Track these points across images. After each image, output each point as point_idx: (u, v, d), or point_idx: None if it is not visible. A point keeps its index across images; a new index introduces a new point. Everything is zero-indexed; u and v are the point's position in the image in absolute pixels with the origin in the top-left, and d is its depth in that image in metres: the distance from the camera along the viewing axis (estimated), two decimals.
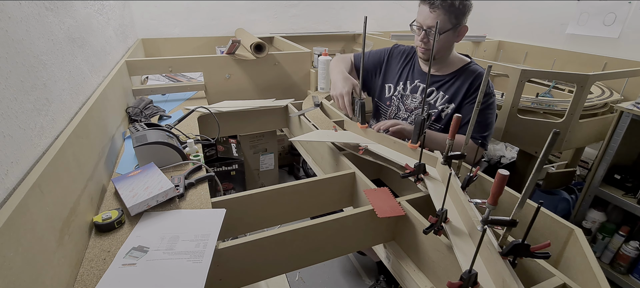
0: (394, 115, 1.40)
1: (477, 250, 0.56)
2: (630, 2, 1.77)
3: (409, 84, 1.37)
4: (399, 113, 1.38)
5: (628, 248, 1.57)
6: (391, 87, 1.42)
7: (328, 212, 0.99)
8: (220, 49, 2.25)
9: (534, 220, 0.58)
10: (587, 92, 1.45)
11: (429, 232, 0.73)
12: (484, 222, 0.66)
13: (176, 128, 1.24)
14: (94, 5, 1.26)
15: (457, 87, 1.26)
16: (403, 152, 1.06)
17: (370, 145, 1.10)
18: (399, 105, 1.38)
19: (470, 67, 1.27)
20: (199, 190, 0.92)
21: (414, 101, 1.34)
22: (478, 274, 0.61)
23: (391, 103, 1.41)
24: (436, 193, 0.86)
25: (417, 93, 1.34)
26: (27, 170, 0.62)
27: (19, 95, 0.64)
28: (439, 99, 1.29)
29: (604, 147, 1.52)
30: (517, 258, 0.64)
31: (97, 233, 0.76)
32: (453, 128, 0.86)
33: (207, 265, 0.67)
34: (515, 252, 0.63)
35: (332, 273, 1.71)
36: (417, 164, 0.91)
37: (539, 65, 2.22)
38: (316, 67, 1.87)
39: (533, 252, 0.63)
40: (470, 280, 0.59)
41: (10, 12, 0.66)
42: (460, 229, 0.75)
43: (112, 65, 1.40)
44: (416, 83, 1.35)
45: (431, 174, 0.94)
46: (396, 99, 1.39)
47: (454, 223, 0.76)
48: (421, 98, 1.32)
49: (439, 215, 0.73)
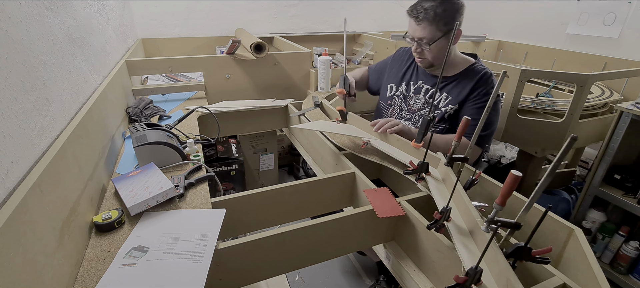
0: (396, 115, 1.39)
1: (487, 248, 0.56)
2: (630, 2, 1.77)
3: (412, 84, 1.36)
4: (401, 113, 1.38)
5: (628, 248, 1.57)
6: (392, 86, 1.41)
7: (328, 212, 0.99)
8: (220, 49, 2.25)
9: (539, 224, 0.58)
10: (587, 92, 1.45)
11: (432, 228, 0.73)
12: (489, 222, 0.65)
13: (176, 128, 1.24)
14: (94, 5, 1.26)
15: (461, 88, 1.26)
16: (405, 150, 1.06)
17: (373, 141, 1.10)
18: (402, 105, 1.37)
19: (475, 67, 1.27)
20: (199, 190, 0.92)
21: (417, 102, 1.34)
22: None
23: (392, 102, 1.40)
24: (438, 192, 0.86)
25: (420, 94, 1.34)
26: (27, 170, 0.62)
27: (19, 95, 0.64)
28: (442, 100, 1.28)
29: (604, 147, 1.52)
30: (518, 261, 0.64)
31: (97, 233, 0.76)
32: (461, 130, 0.86)
33: (207, 265, 0.67)
34: (517, 254, 0.63)
35: (332, 273, 1.71)
36: (420, 162, 0.91)
37: (539, 65, 2.22)
38: (316, 67, 1.87)
39: (534, 257, 0.63)
40: (476, 276, 0.60)
41: (10, 12, 0.66)
42: (462, 228, 0.75)
43: (112, 65, 1.40)
44: (420, 84, 1.34)
45: (433, 174, 0.94)
46: (397, 99, 1.39)
47: (457, 222, 0.76)
48: (425, 99, 1.32)
49: (443, 213, 0.73)
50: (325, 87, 1.80)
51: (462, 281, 0.59)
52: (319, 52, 1.96)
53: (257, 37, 1.91)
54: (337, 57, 2.38)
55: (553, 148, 1.57)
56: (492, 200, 0.96)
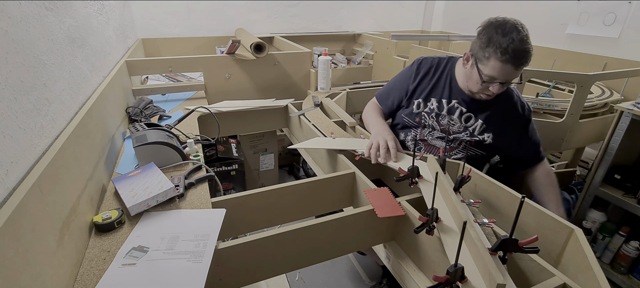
0: (427, 134, 1.26)
1: (460, 245, 0.57)
2: (630, 2, 1.77)
3: (445, 103, 1.23)
4: (433, 132, 1.25)
5: (628, 248, 1.57)
6: (420, 103, 1.27)
7: (328, 212, 0.99)
8: (220, 49, 2.25)
9: (518, 214, 0.59)
10: (587, 92, 1.45)
11: (420, 232, 0.73)
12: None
13: (176, 128, 1.24)
14: (94, 5, 1.26)
15: (496, 111, 1.19)
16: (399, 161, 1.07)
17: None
18: (433, 125, 1.25)
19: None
20: (199, 190, 0.92)
21: (451, 124, 1.23)
22: (465, 269, 0.62)
23: (421, 119, 1.26)
24: (429, 195, 0.87)
25: (455, 115, 1.22)
26: (27, 170, 0.62)
27: (19, 95, 0.64)
28: (477, 127, 1.20)
29: (604, 147, 1.52)
30: (507, 254, 0.65)
31: (97, 233, 0.76)
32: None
33: (207, 265, 0.67)
34: (503, 247, 0.64)
35: (332, 273, 1.71)
36: (410, 168, 0.92)
37: (539, 65, 2.21)
38: (316, 67, 1.87)
39: (521, 247, 0.63)
40: (457, 274, 0.60)
41: (10, 12, 0.66)
42: (450, 228, 0.76)
43: (112, 65, 1.40)
44: (454, 104, 1.22)
45: (425, 177, 0.95)
46: (428, 117, 1.25)
47: (446, 222, 0.77)
48: (459, 122, 1.22)
49: (429, 215, 0.73)
50: (325, 87, 1.80)
51: (442, 280, 0.59)
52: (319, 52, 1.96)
53: (257, 37, 1.91)
54: (337, 57, 2.38)
55: (553, 149, 1.57)
56: (486, 199, 0.96)
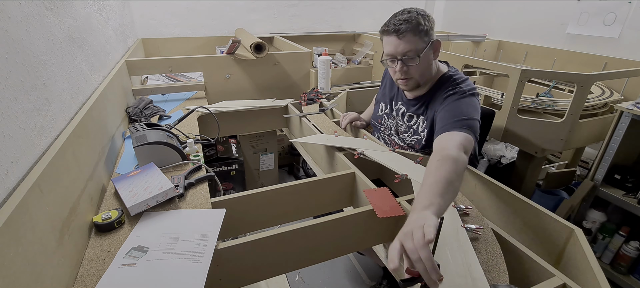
0: (387, 135, 1.34)
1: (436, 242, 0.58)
2: (630, 2, 1.77)
3: (394, 105, 1.28)
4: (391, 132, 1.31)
5: (628, 249, 1.57)
6: (382, 106, 1.34)
7: (328, 212, 0.99)
8: (220, 49, 2.25)
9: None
10: (587, 92, 1.45)
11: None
12: None
13: (176, 128, 1.24)
14: (94, 5, 1.26)
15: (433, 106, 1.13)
16: (398, 160, 1.08)
17: (367, 152, 1.12)
18: (390, 125, 1.31)
19: (446, 74, 1.14)
20: (199, 190, 0.92)
21: (399, 125, 1.27)
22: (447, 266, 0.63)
23: (382, 121, 1.34)
24: None
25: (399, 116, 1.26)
26: (27, 170, 0.62)
27: (19, 95, 0.64)
28: (420, 123, 1.19)
29: (604, 147, 1.52)
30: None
31: (97, 233, 0.76)
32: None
33: (207, 265, 0.67)
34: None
35: (332, 273, 1.71)
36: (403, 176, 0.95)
37: (539, 65, 2.22)
38: (316, 67, 1.87)
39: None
40: None
41: (10, 12, 0.66)
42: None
43: (112, 65, 1.40)
44: (399, 105, 1.26)
45: (417, 179, 0.96)
46: (387, 118, 1.32)
47: None
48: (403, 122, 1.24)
49: None
50: (325, 86, 1.80)
51: (415, 274, 0.59)
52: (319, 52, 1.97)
53: (257, 37, 1.91)
54: (337, 57, 2.38)
55: (553, 149, 1.57)
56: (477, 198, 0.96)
